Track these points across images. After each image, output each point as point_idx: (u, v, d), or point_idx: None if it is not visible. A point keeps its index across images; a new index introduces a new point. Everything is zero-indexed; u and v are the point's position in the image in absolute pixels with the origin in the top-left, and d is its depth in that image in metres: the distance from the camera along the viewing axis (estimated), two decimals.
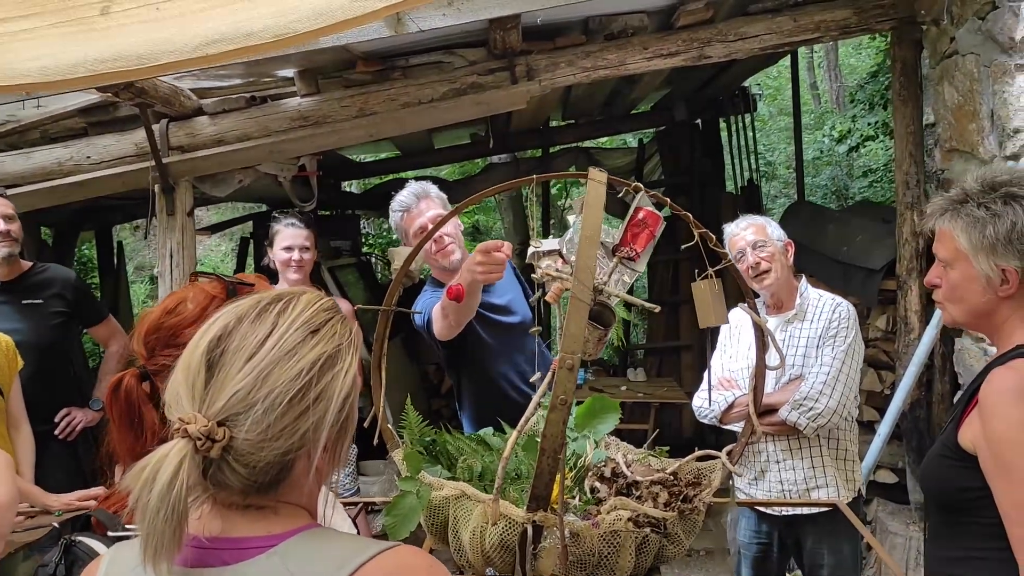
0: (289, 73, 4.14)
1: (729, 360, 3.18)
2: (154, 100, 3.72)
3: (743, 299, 2.17)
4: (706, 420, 3.13)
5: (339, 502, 1.94)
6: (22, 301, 3.53)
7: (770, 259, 3.00)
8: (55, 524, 2.41)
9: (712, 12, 3.91)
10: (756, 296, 3.05)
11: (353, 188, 10.07)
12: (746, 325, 3.13)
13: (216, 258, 15.05)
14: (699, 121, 7.80)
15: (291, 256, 3.63)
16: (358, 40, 3.38)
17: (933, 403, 4.15)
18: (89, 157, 4.16)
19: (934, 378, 4.13)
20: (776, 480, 3.03)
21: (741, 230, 3.04)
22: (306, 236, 3.70)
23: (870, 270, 4.51)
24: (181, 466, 0.90)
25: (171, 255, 4.13)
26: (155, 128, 3.98)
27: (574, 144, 7.87)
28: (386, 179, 9.13)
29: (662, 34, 4.00)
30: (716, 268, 2.03)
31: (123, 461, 1.47)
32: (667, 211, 1.95)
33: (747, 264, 2.97)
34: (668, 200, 1.95)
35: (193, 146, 4.10)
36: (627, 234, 1.79)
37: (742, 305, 2.13)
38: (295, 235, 3.66)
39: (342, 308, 1.13)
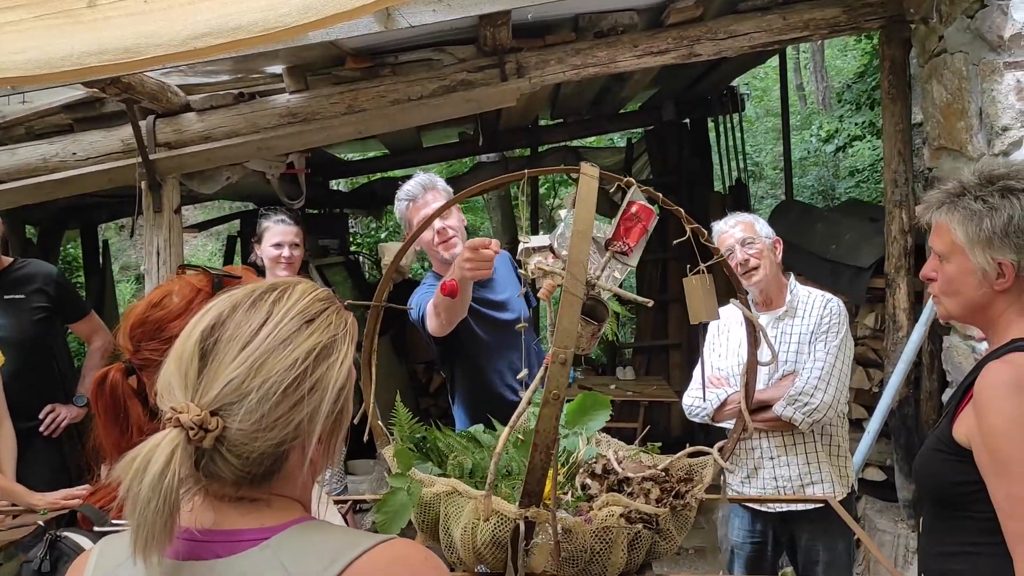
0: (277, 69, 4.12)
1: (718, 358, 3.18)
2: (141, 96, 3.68)
3: (732, 296, 2.17)
4: (697, 419, 3.12)
5: (330, 499, 1.92)
6: (4, 297, 3.49)
7: (759, 256, 3.00)
8: (40, 523, 2.38)
9: (702, 10, 3.91)
10: (745, 293, 3.06)
11: (341, 187, 10.03)
12: (735, 323, 3.13)
13: (203, 257, 14.98)
14: (687, 121, 7.81)
15: (281, 253, 3.60)
16: (347, 36, 3.35)
17: (921, 401, 4.17)
18: (75, 153, 4.11)
19: (922, 376, 4.14)
20: (770, 477, 3.04)
21: (730, 227, 3.05)
22: (295, 233, 3.67)
23: (858, 268, 4.52)
24: (173, 456, 0.89)
25: (158, 253, 4.09)
26: (142, 124, 3.94)
27: (563, 143, 7.87)
28: (374, 178, 9.11)
29: (652, 32, 3.99)
30: (708, 264, 2.03)
31: (108, 456, 1.46)
32: (657, 208, 1.95)
33: (736, 261, 2.98)
34: (660, 195, 1.95)
35: (180, 143, 4.06)
36: (620, 228, 1.78)
37: (734, 300, 2.12)
38: (285, 232, 3.63)
39: None
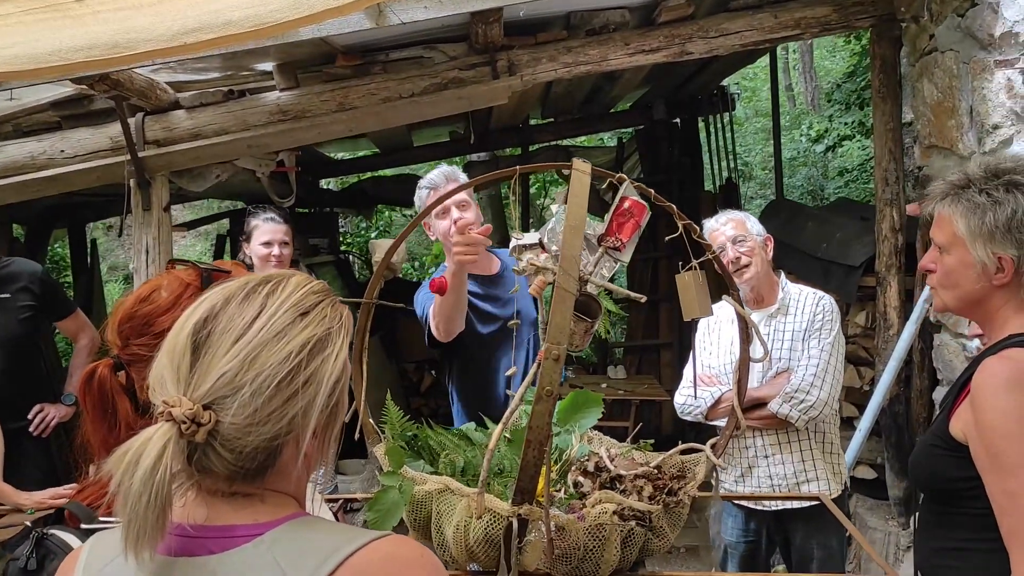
0: (268, 67, 4.10)
1: (709, 356, 3.17)
2: (130, 93, 3.66)
3: (723, 293, 2.17)
4: (689, 417, 3.12)
5: (323, 498, 1.91)
6: None
7: (750, 254, 3.00)
8: (28, 523, 2.36)
9: (693, 8, 3.91)
10: (737, 290, 3.06)
11: (331, 186, 10.00)
12: (725, 320, 3.13)
13: (192, 256, 14.90)
14: (678, 120, 7.82)
15: (270, 251, 3.57)
16: (338, 32, 3.34)
17: (912, 399, 4.18)
18: (63, 151, 4.08)
19: (913, 374, 4.16)
20: (765, 475, 3.03)
21: (721, 225, 3.04)
22: (285, 231, 3.65)
23: (849, 267, 4.53)
24: (165, 450, 0.87)
25: (147, 251, 4.06)
26: (131, 122, 3.91)
27: (553, 143, 7.86)
28: (364, 177, 9.09)
29: (643, 30, 3.99)
30: (700, 260, 2.03)
31: (96, 453, 1.44)
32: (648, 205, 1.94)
33: (727, 259, 2.97)
34: (652, 192, 1.94)
35: (170, 140, 4.03)
36: (612, 224, 1.76)
37: (727, 297, 2.11)
38: (275, 230, 3.61)
39: None
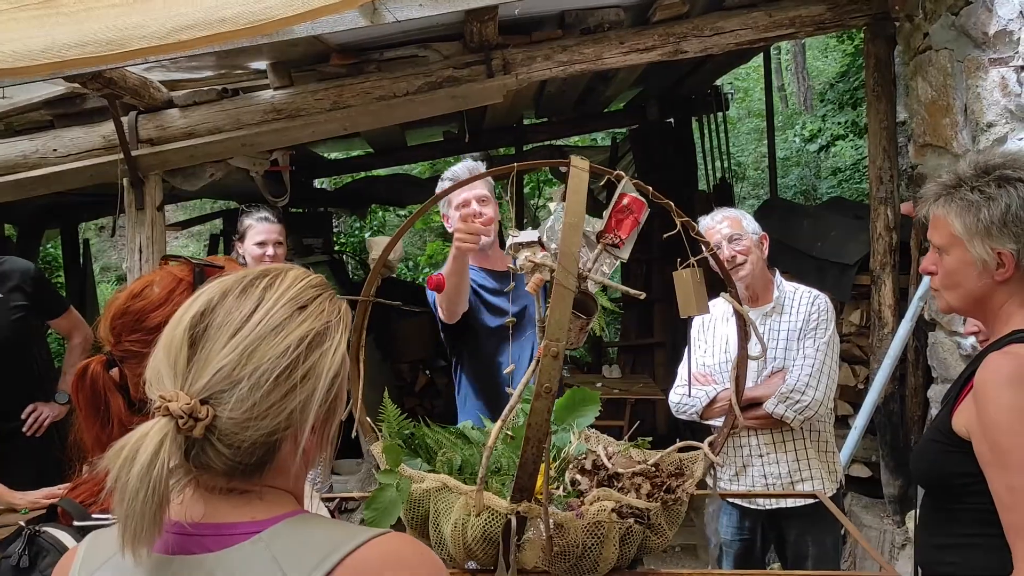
0: (262, 65, 4.08)
1: (703, 355, 3.17)
2: (123, 91, 3.64)
3: (721, 290, 2.16)
4: (685, 416, 3.11)
5: (320, 497, 1.90)
6: None
7: (746, 252, 2.99)
8: (22, 523, 2.34)
9: (688, 7, 3.91)
10: (734, 287, 3.06)
11: (325, 186, 9.99)
12: (720, 319, 3.13)
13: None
14: (671, 120, 7.83)
15: (265, 251, 3.55)
16: (333, 30, 3.32)
17: (906, 397, 4.19)
18: (55, 150, 4.06)
19: (907, 372, 4.16)
20: (760, 474, 3.03)
21: (716, 223, 3.03)
22: (279, 231, 3.63)
23: (844, 265, 4.54)
24: (162, 445, 0.86)
25: (140, 250, 4.04)
26: (124, 120, 3.89)
27: (547, 142, 7.87)
28: (358, 177, 9.07)
29: (638, 28, 3.99)
30: (698, 257, 2.02)
31: (90, 451, 1.43)
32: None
33: (723, 257, 2.97)
34: (650, 189, 1.94)
35: (163, 139, 4.02)
36: (611, 220, 1.76)
37: (724, 294, 2.11)
38: (269, 230, 3.59)
39: None
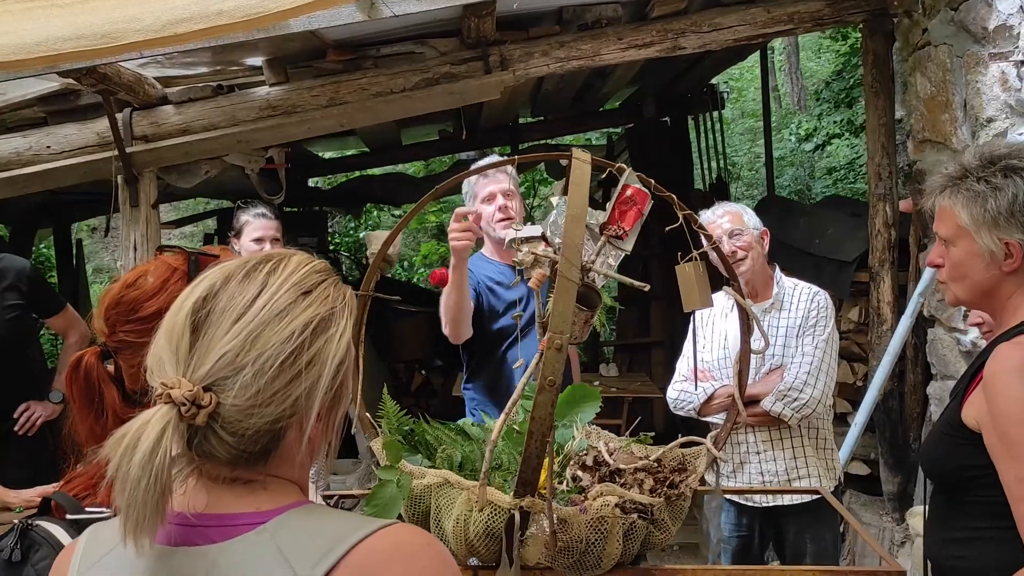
0: (257, 62, 4.06)
1: (701, 351, 3.15)
2: (117, 87, 3.61)
3: (719, 286, 2.15)
4: (683, 412, 3.10)
5: (319, 493, 1.88)
6: None
7: (746, 248, 2.98)
8: (15, 521, 2.32)
9: (686, 2, 3.90)
10: (736, 280, 3.05)
11: (319, 185, 9.96)
12: (719, 314, 3.11)
13: None
14: (667, 119, 7.81)
15: (262, 247, 3.51)
16: (330, 25, 3.30)
17: (905, 394, 4.18)
18: (49, 147, 4.03)
19: (906, 369, 4.16)
20: (757, 472, 3.02)
21: (717, 217, 3.01)
22: (276, 227, 3.59)
23: (842, 262, 4.53)
24: (164, 433, 0.84)
25: (135, 248, 4.01)
26: (118, 117, 3.86)
27: (543, 141, 7.85)
28: (353, 176, 9.04)
29: (636, 24, 3.97)
30: (700, 251, 2.01)
31: (84, 443, 1.41)
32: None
33: (723, 252, 2.95)
34: (652, 181, 1.92)
35: (158, 136, 3.99)
36: (615, 212, 1.74)
37: (727, 288, 2.10)
38: (266, 226, 3.55)
39: None
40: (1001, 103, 3.11)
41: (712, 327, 3.15)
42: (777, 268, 3.13)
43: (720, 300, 3.02)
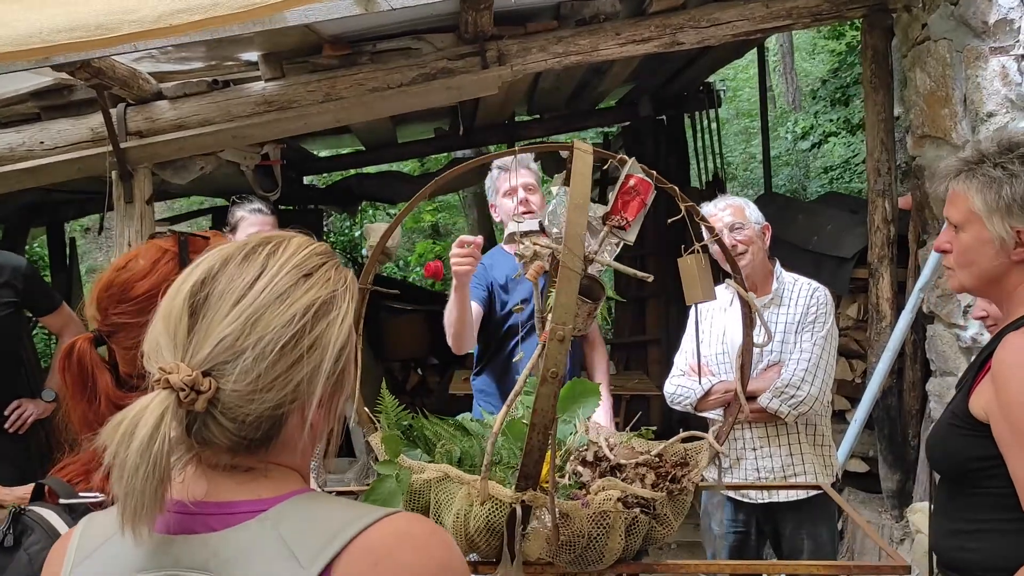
0: (253, 57, 4.03)
1: (701, 345, 3.13)
2: (112, 82, 3.58)
3: (719, 280, 2.13)
4: (679, 407, 3.08)
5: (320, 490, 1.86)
6: None
7: (747, 242, 2.96)
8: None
9: None
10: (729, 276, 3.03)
11: (315, 183, 9.93)
12: (717, 309, 3.09)
13: None
14: (664, 117, 7.80)
15: None
16: (326, 18, 3.27)
17: (904, 391, 4.16)
18: (43, 142, 3.99)
19: (905, 366, 4.14)
20: (753, 468, 3.00)
21: (719, 210, 3.00)
22: (272, 223, 3.56)
23: (841, 259, 4.52)
24: (163, 419, 0.81)
25: (129, 245, 3.97)
26: (112, 112, 3.83)
27: (539, 139, 7.82)
28: (348, 174, 9.01)
29: (634, 20, 3.95)
30: (701, 243, 1.99)
31: (78, 430, 1.40)
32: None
33: (725, 244, 2.93)
34: (655, 173, 1.90)
35: (152, 131, 3.95)
36: (617, 202, 1.72)
37: (729, 280, 2.08)
38: (263, 222, 3.52)
39: None
40: (1001, 97, 3.10)
41: (711, 321, 3.13)
42: (778, 263, 3.11)
43: (721, 294, 3.00)
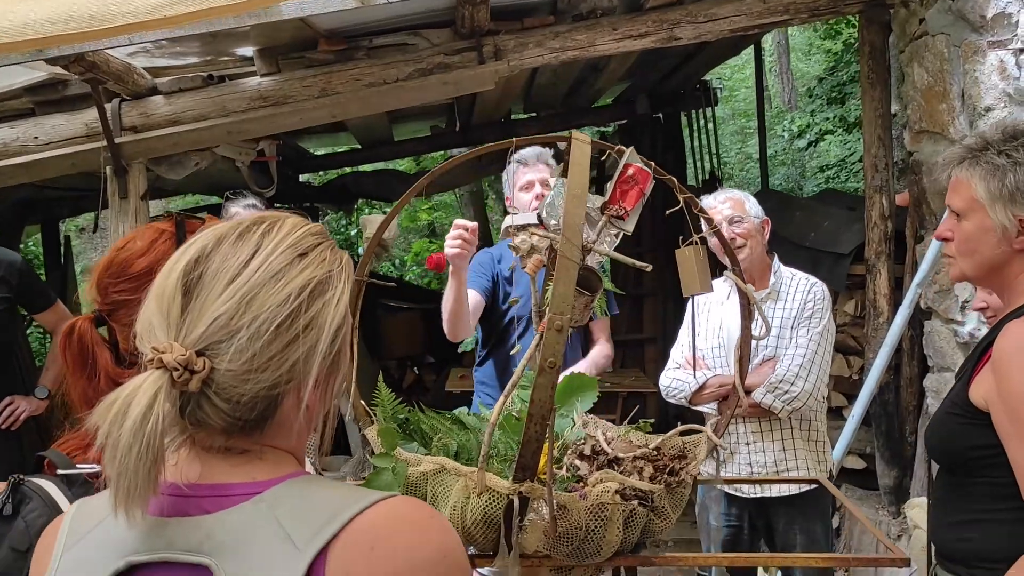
0: (248, 52, 4.01)
1: (697, 339, 3.12)
2: (106, 76, 3.55)
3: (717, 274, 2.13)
4: (674, 400, 3.08)
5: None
6: None
7: (746, 235, 2.95)
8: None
9: None
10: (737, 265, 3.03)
11: (311, 181, 9.91)
12: (715, 302, 3.09)
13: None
14: (660, 115, 7.79)
15: None
16: (322, 11, 3.25)
17: (902, 387, 4.15)
18: (37, 138, 3.97)
19: (902, 362, 4.13)
20: (746, 463, 3.00)
21: (719, 203, 2.99)
22: None
23: (838, 255, 4.51)
24: (156, 399, 0.80)
25: None
26: (107, 107, 3.81)
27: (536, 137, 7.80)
28: (344, 172, 8.99)
29: (632, 15, 3.93)
30: (700, 235, 1.98)
31: (78, 407, 1.41)
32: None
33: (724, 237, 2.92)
34: (653, 164, 1.89)
35: (147, 126, 3.93)
36: (616, 191, 1.70)
37: (728, 273, 2.07)
38: None
39: None
40: (999, 92, 3.09)
41: (708, 315, 3.13)
42: (776, 258, 3.10)
43: (718, 288, 2.99)
